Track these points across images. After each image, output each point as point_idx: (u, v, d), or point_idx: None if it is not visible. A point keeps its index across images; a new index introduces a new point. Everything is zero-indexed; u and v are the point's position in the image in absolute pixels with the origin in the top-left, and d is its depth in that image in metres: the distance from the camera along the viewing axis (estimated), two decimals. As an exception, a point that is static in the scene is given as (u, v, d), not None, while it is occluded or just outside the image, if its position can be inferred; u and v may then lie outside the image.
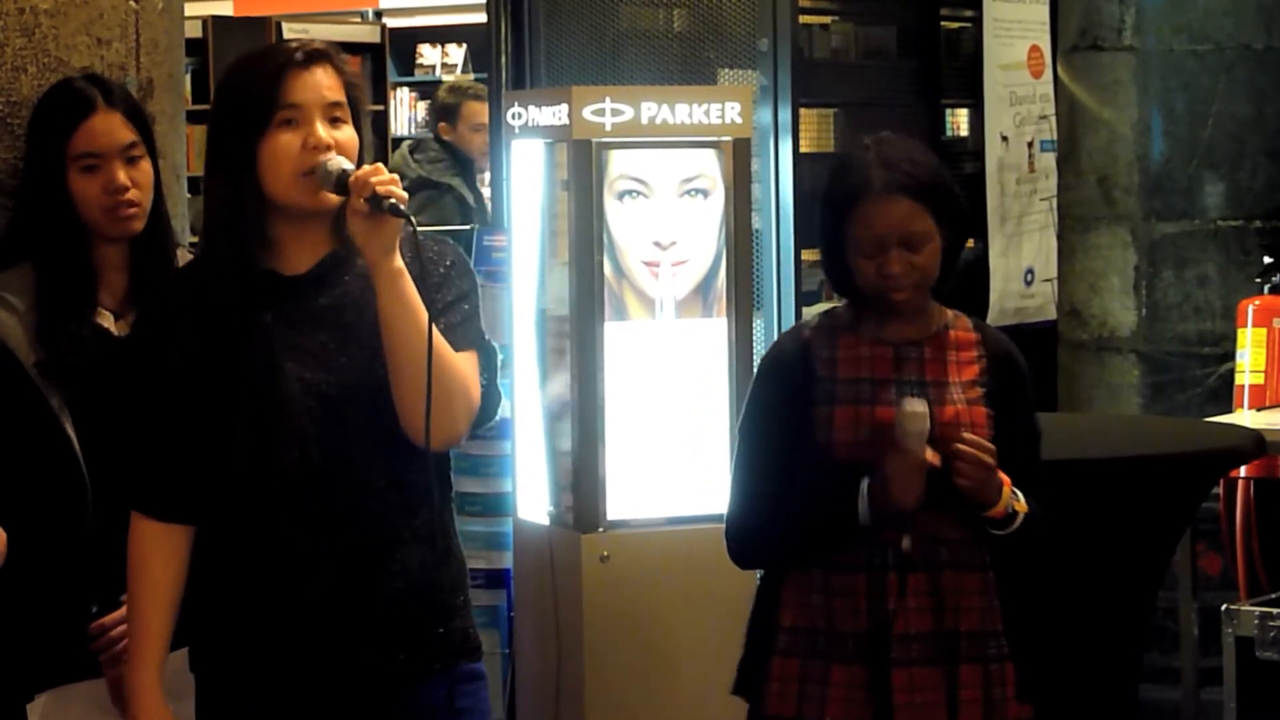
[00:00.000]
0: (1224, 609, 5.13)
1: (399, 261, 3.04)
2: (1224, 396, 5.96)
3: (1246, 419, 5.64)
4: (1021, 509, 3.42)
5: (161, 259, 3.49)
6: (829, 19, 6.82)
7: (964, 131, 7.33)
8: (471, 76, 12.27)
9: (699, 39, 6.20)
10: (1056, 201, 7.01)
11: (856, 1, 6.91)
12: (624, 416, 4.68)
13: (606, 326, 4.66)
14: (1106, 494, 4.26)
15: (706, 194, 4.74)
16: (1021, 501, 3.42)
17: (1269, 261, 6.37)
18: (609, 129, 4.63)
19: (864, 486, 3.36)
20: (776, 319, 5.89)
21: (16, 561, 3.06)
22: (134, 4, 3.76)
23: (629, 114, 4.65)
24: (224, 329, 3.10)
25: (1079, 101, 6.47)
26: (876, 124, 6.65)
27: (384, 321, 3.05)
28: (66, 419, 3.36)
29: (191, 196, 4.05)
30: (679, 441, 4.73)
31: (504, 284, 5.05)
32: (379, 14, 13.33)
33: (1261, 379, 6.17)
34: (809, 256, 6.12)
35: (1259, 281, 6.42)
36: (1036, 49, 7.33)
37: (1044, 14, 7.34)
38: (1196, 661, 5.54)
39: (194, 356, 3.11)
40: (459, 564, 3.24)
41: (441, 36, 13.00)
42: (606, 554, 4.65)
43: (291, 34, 11.27)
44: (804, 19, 6.31)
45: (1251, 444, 4.47)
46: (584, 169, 4.63)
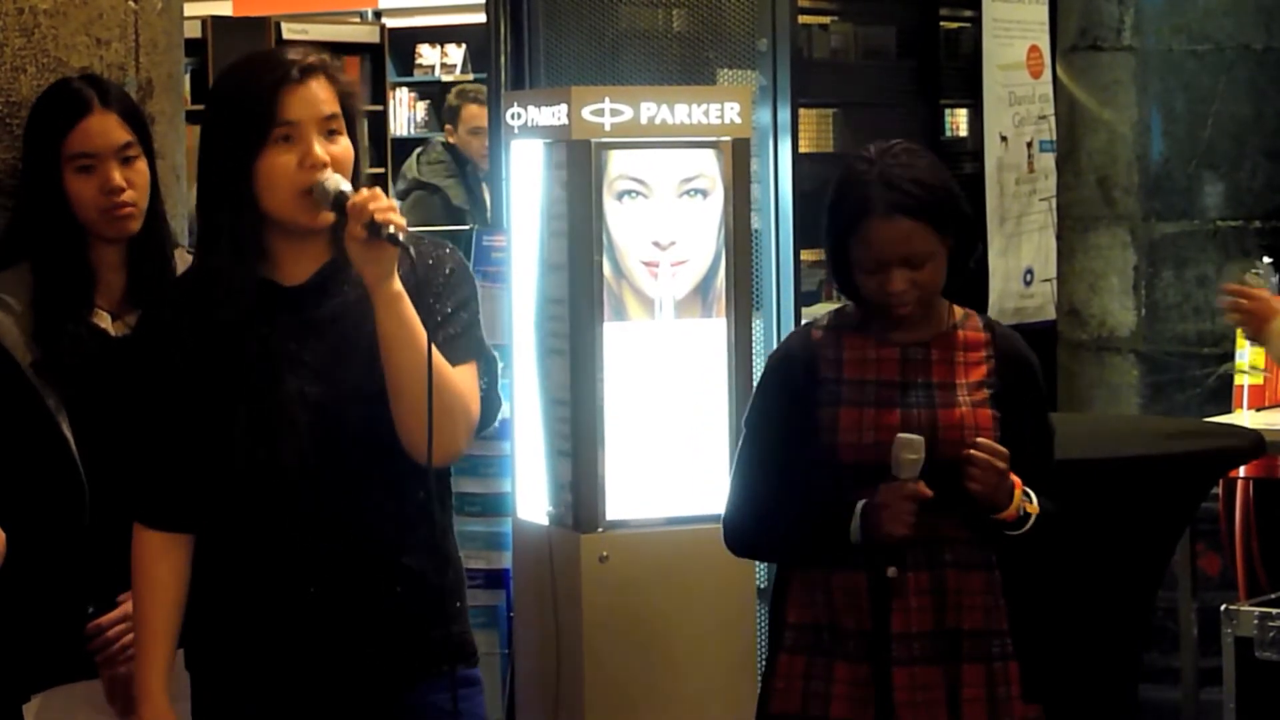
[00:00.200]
0: (1223, 609, 5.13)
1: (398, 285, 3.03)
2: (1224, 396, 5.95)
3: (1246, 419, 5.64)
4: (1033, 510, 3.41)
5: (159, 259, 3.48)
6: (828, 19, 6.82)
7: (963, 131, 7.33)
8: (471, 77, 12.30)
9: (698, 39, 6.20)
10: (1056, 202, 7.01)
11: (856, 2, 6.91)
12: (623, 417, 4.68)
13: (606, 327, 4.65)
14: (1106, 494, 4.26)
15: (706, 194, 4.73)
16: (1033, 503, 3.42)
17: (1269, 261, 6.37)
18: (608, 129, 4.63)
19: (859, 507, 3.36)
20: (776, 319, 5.88)
21: (13, 562, 3.06)
22: (133, 4, 3.76)
23: (628, 114, 4.65)
24: (222, 340, 3.09)
25: (1078, 102, 6.47)
26: (876, 124, 6.67)
27: (383, 344, 3.04)
28: (63, 419, 3.36)
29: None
30: (678, 442, 4.72)
31: (503, 284, 5.05)
32: (378, 14, 13.34)
33: (1261, 379, 6.17)
34: (808, 256, 6.11)
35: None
36: (1036, 49, 7.33)
37: (1043, 14, 7.34)
38: (1196, 661, 5.53)
39: (192, 367, 3.11)
40: (457, 569, 3.24)
41: (441, 37, 13.00)
42: (606, 554, 4.64)
43: (291, 34, 11.28)
44: (803, 19, 6.30)
45: (1251, 444, 4.47)
46: (583, 169, 4.63)
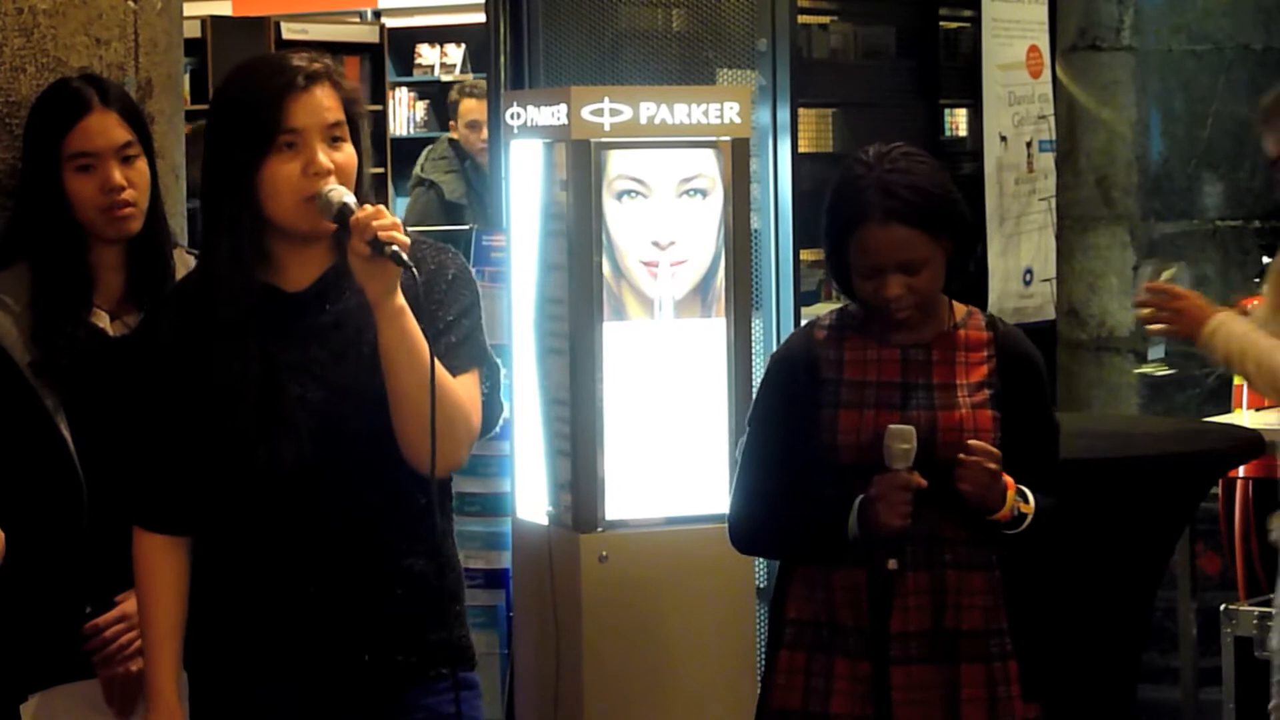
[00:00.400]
0: (1223, 609, 5.14)
1: (400, 300, 3.03)
2: (1223, 396, 5.95)
3: (1246, 419, 5.64)
4: (1028, 510, 3.41)
5: (158, 259, 3.48)
6: (828, 19, 6.81)
7: (963, 131, 7.33)
8: (470, 77, 12.30)
9: (698, 39, 6.20)
10: (1055, 201, 7.00)
11: (855, 1, 6.91)
12: (623, 417, 4.68)
13: (605, 326, 4.65)
14: (1106, 494, 4.26)
15: (705, 194, 4.73)
16: (1028, 502, 3.42)
17: (1268, 261, 6.37)
18: (608, 129, 4.63)
19: (856, 503, 3.37)
20: (775, 319, 5.88)
21: (12, 562, 3.05)
22: (133, 4, 3.76)
23: (628, 114, 4.65)
24: (223, 344, 3.09)
25: (1078, 101, 6.47)
26: (875, 124, 6.67)
27: (385, 358, 3.04)
28: (62, 419, 3.36)
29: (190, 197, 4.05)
30: (677, 442, 4.72)
31: (503, 284, 5.05)
32: (378, 14, 13.33)
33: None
34: (808, 256, 6.11)
35: (1257, 281, 6.42)
36: (1035, 49, 7.32)
37: (1042, 14, 7.33)
38: (1195, 661, 5.54)
39: (193, 371, 3.11)
40: (456, 572, 3.24)
41: (440, 36, 13.00)
42: (605, 554, 4.64)
43: (290, 34, 11.28)
44: (803, 19, 6.30)
45: (1251, 444, 4.47)
46: (583, 169, 4.63)
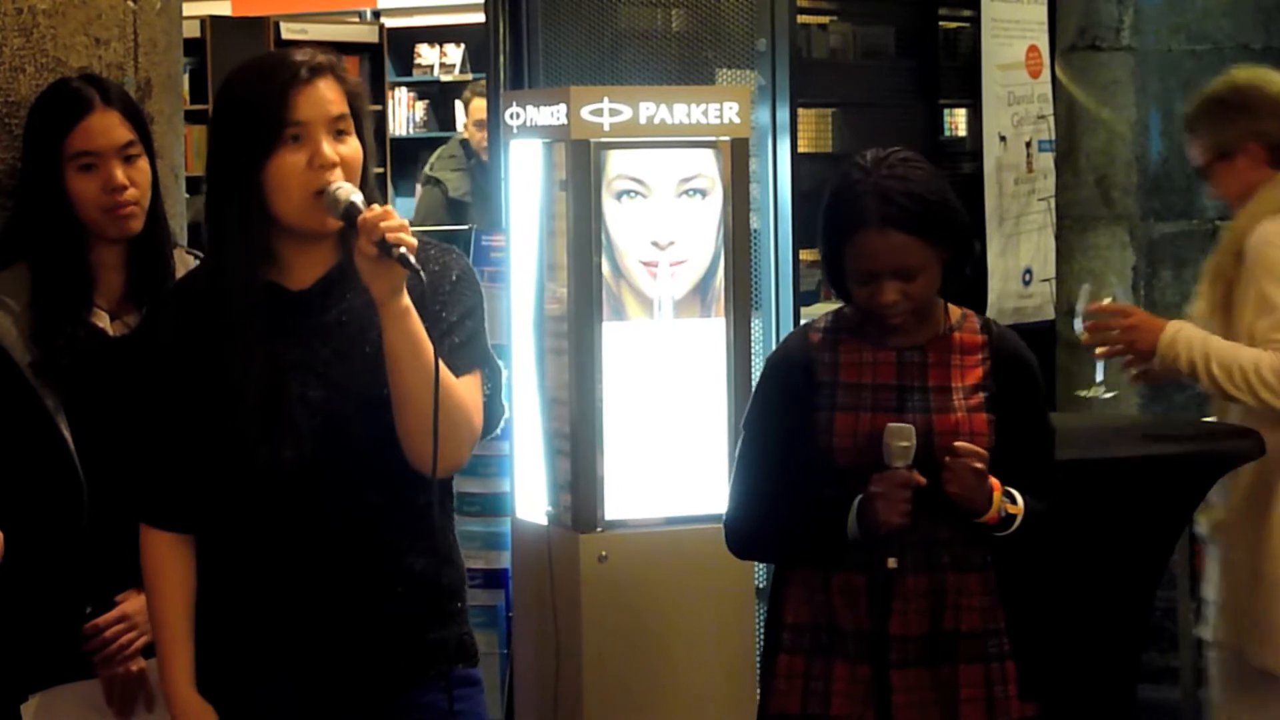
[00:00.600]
0: (1223, 609, 5.11)
1: (406, 300, 3.02)
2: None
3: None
4: (1016, 511, 3.41)
5: (158, 259, 3.48)
6: (827, 19, 6.81)
7: (962, 131, 7.33)
8: (470, 77, 12.30)
9: (697, 39, 6.19)
10: (1055, 201, 7.00)
11: (855, 1, 6.90)
12: (622, 417, 4.68)
13: (605, 326, 4.65)
14: (1106, 494, 4.26)
15: (705, 194, 4.73)
16: (1016, 504, 3.42)
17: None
18: (607, 129, 4.63)
19: (856, 502, 3.37)
20: (775, 319, 5.88)
21: (12, 562, 3.05)
22: (132, 4, 3.76)
23: (627, 114, 4.65)
24: (227, 342, 3.09)
25: (1077, 101, 6.47)
26: (874, 124, 6.66)
27: (389, 358, 3.04)
28: (62, 419, 3.36)
29: (190, 196, 4.04)
30: (677, 442, 4.72)
31: (502, 284, 5.05)
32: (377, 14, 13.32)
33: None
34: (807, 256, 6.11)
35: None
36: (1034, 49, 7.32)
37: (1042, 14, 7.33)
38: (1195, 661, 5.53)
39: (197, 369, 3.11)
40: (458, 570, 3.24)
41: (439, 36, 13.00)
42: (605, 554, 4.64)
43: (290, 34, 11.27)
44: (802, 19, 6.30)
45: (1251, 444, 4.47)
46: (582, 169, 4.63)
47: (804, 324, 3.64)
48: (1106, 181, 6.42)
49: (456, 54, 12.89)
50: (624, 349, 4.67)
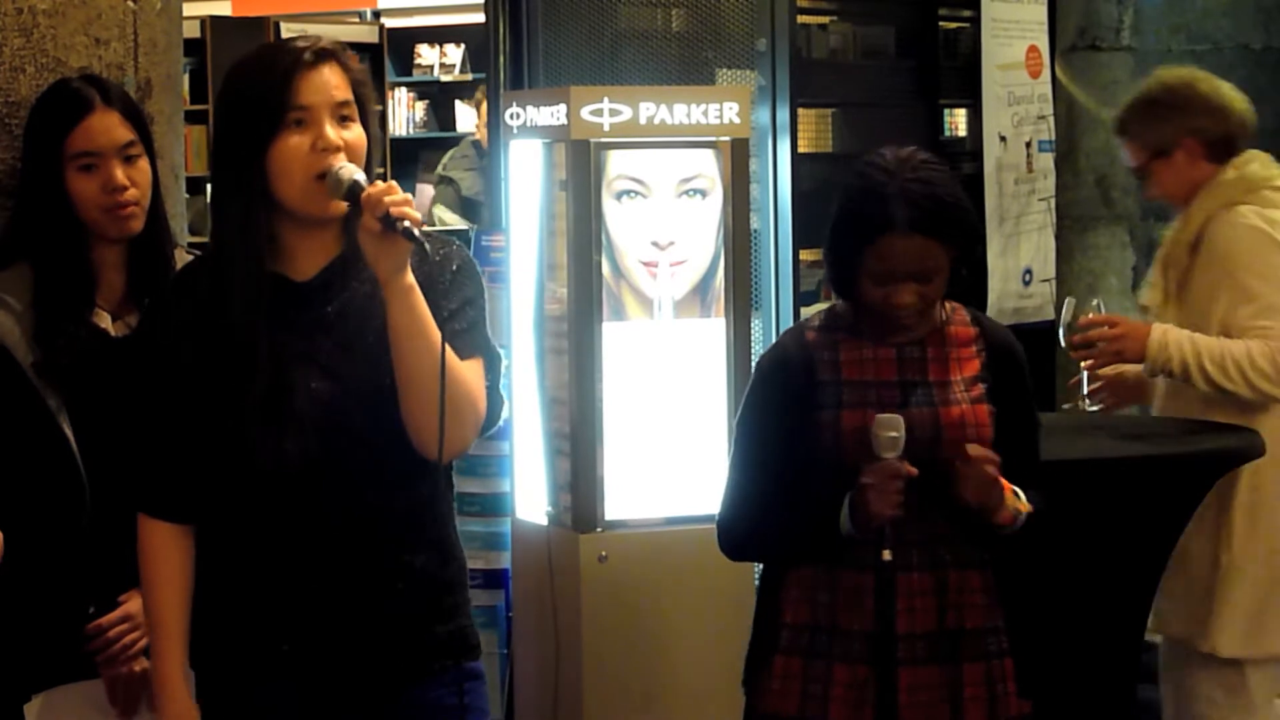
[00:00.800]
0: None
1: (410, 278, 3.02)
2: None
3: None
4: (1025, 509, 3.42)
5: (159, 259, 3.48)
6: (827, 19, 6.80)
7: (962, 131, 7.32)
8: (470, 77, 12.30)
9: (697, 39, 6.20)
10: (1055, 202, 7.00)
11: (855, 1, 6.90)
12: (622, 417, 4.68)
13: (605, 326, 4.65)
14: (1106, 494, 4.26)
15: (705, 194, 4.74)
16: (1024, 501, 3.42)
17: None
18: (607, 129, 4.63)
19: (847, 497, 3.36)
20: (775, 319, 5.88)
21: (14, 562, 3.05)
22: (132, 4, 3.76)
23: (627, 114, 4.65)
24: (231, 334, 3.09)
25: (1077, 101, 6.48)
26: (875, 124, 6.66)
27: (394, 337, 3.04)
28: (64, 420, 3.36)
29: (190, 197, 4.05)
30: (677, 442, 4.72)
31: (503, 284, 5.05)
32: (377, 14, 13.32)
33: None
34: (807, 256, 6.11)
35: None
36: (1035, 49, 7.32)
37: (1042, 14, 7.33)
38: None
39: (200, 360, 3.11)
40: (459, 564, 3.24)
41: (439, 37, 12.99)
42: (604, 554, 4.64)
43: (290, 34, 11.24)
44: (802, 19, 6.29)
45: (1251, 444, 4.47)
46: (582, 169, 4.63)
47: (795, 325, 3.63)
48: (1106, 181, 6.42)
49: (456, 54, 12.88)
50: (624, 349, 4.67)
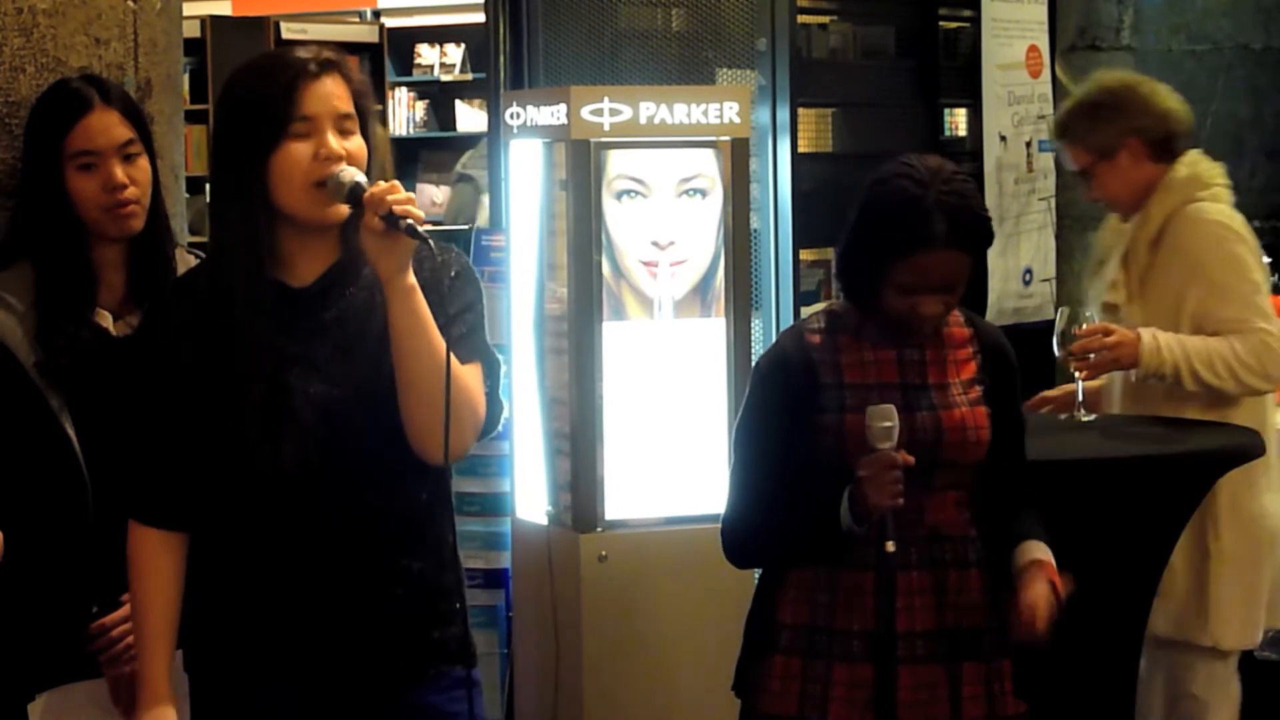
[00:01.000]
0: (1222, 609, 5.10)
1: (412, 278, 3.03)
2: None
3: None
4: (1063, 588, 3.49)
5: (160, 259, 3.49)
6: (827, 19, 6.80)
7: (962, 131, 7.32)
8: (470, 77, 12.30)
9: (697, 39, 6.20)
10: (1055, 201, 7.00)
11: (855, 1, 6.90)
12: (622, 416, 4.68)
13: (605, 326, 4.66)
14: (1107, 494, 4.26)
15: (705, 194, 4.74)
16: (1060, 581, 3.49)
17: (1268, 261, 6.36)
18: (607, 129, 4.64)
19: (846, 492, 3.36)
20: (775, 319, 5.88)
21: (17, 562, 3.05)
22: (132, 4, 3.76)
23: (627, 114, 4.65)
24: (229, 340, 3.09)
25: (1077, 101, 6.46)
26: (875, 124, 6.66)
27: (395, 337, 3.04)
28: (66, 419, 3.36)
29: (190, 196, 4.04)
30: (677, 441, 4.73)
31: (503, 284, 5.05)
32: (377, 14, 13.32)
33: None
34: (807, 256, 6.11)
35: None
36: (1035, 49, 7.32)
37: (1042, 14, 7.33)
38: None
39: (197, 366, 3.11)
40: (457, 571, 3.24)
41: (440, 36, 12.99)
42: (604, 554, 4.65)
43: (290, 34, 11.26)
44: (802, 19, 6.29)
45: (1252, 444, 4.47)
46: (582, 169, 4.63)
47: (795, 326, 3.61)
48: (1106, 181, 6.40)
49: (456, 54, 12.88)
50: (624, 349, 4.68)
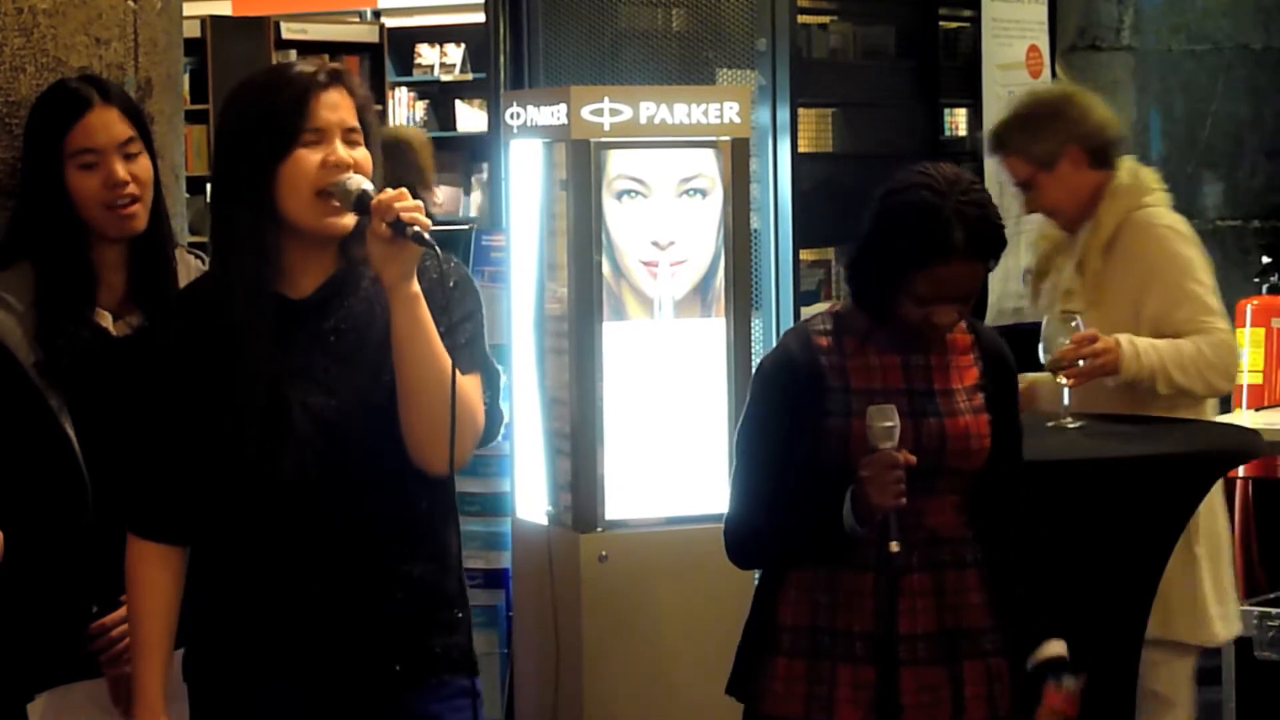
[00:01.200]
0: (1222, 609, 5.11)
1: (416, 286, 3.03)
2: (1223, 396, 5.95)
3: (1246, 419, 5.64)
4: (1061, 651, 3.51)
5: (160, 259, 3.48)
6: (827, 19, 6.81)
7: (962, 131, 7.32)
8: (470, 77, 12.29)
9: (697, 39, 6.20)
10: (1055, 201, 6.98)
11: (855, 1, 6.90)
12: (622, 417, 4.68)
13: (605, 326, 4.66)
14: (1106, 494, 4.26)
15: (705, 194, 4.74)
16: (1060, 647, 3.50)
17: (1267, 261, 6.38)
18: (607, 129, 4.63)
19: (848, 492, 3.35)
20: (775, 319, 5.88)
21: (17, 562, 3.05)
22: (132, 4, 3.76)
23: (627, 114, 4.65)
24: (230, 352, 3.09)
25: (1077, 101, 6.46)
26: (875, 124, 6.66)
27: (398, 345, 3.04)
28: (66, 419, 3.36)
29: (190, 196, 4.04)
30: (677, 441, 4.72)
31: (503, 284, 5.05)
32: (377, 14, 13.31)
33: (1260, 379, 6.17)
34: (808, 256, 6.11)
35: (1257, 281, 6.43)
36: (1035, 49, 7.32)
37: (1042, 14, 7.33)
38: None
39: (199, 378, 3.11)
40: (459, 579, 3.24)
41: (440, 36, 12.98)
42: (605, 554, 4.65)
43: (290, 34, 11.26)
44: (802, 19, 6.30)
45: (1251, 444, 4.47)
46: (583, 169, 4.63)
47: (798, 326, 3.58)
48: (1106, 181, 6.40)
49: (456, 54, 12.88)
50: (624, 349, 4.68)
